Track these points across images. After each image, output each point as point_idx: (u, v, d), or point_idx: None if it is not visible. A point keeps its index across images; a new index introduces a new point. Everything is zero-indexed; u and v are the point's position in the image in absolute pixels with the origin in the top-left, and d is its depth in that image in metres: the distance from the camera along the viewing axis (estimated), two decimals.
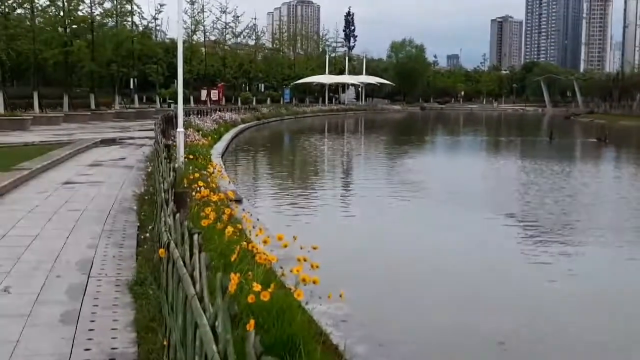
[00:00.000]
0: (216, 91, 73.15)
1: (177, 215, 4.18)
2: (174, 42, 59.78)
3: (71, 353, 5.17)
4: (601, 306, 9.54)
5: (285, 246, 6.65)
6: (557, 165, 28.44)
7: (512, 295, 9.96)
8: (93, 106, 50.99)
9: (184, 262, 3.58)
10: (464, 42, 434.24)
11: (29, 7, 43.66)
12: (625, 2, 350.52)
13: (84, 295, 6.69)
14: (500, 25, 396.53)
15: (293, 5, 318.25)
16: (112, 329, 5.73)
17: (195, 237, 3.26)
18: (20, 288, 6.86)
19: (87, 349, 5.25)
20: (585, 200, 19.65)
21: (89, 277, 7.37)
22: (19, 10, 43.81)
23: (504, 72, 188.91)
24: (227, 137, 35.42)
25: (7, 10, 40.82)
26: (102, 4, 52.50)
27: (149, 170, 15.69)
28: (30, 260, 8.02)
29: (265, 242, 6.79)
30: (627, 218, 16.74)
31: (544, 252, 12.74)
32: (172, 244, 4.06)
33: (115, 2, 54.14)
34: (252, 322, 4.62)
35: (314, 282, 5.71)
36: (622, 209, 18.10)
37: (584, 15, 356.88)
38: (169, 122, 23.12)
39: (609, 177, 26.54)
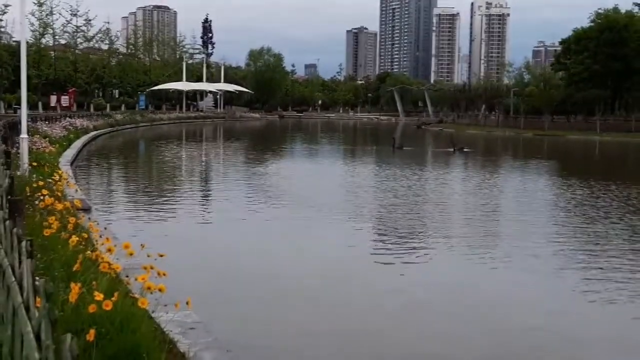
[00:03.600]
0: (67, 97, 70.44)
1: (7, 222, 3.99)
2: (20, 45, 57.09)
3: None
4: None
5: (131, 254, 6.50)
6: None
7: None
8: None
9: (13, 270, 3.43)
10: (321, 52, 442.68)
11: None
12: (471, 18, 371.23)
13: None
14: (356, 36, 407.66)
15: (149, 10, 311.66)
16: None
17: (23, 243, 3.13)
18: None
19: None
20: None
21: None
22: None
23: (359, 82, 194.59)
24: (77, 144, 34.22)
25: None
26: None
27: None
28: None
29: (110, 250, 6.61)
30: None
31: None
32: (2, 252, 3.88)
33: None
34: (92, 332, 4.52)
35: (160, 290, 5.62)
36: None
37: (434, 28, 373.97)
38: (13, 129, 22.00)
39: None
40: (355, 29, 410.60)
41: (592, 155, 53.82)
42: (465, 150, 45.35)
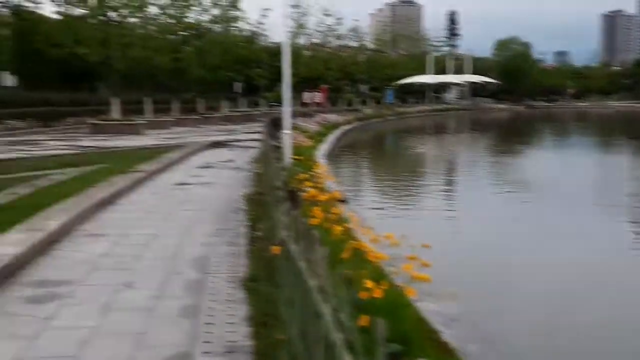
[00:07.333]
0: (319, 93, 73.93)
1: (293, 212, 4.32)
2: (278, 46, 60.87)
3: (192, 345, 5.43)
4: None
5: (395, 245, 6.70)
6: None
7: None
8: (201, 110, 52.70)
9: (300, 257, 3.70)
10: (572, 37, 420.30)
11: (142, 15, 45.49)
12: None
13: (201, 290, 6.97)
14: (611, 20, 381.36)
15: (395, 6, 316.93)
16: (228, 323, 5.94)
17: (314, 232, 3.38)
18: (143, 283, 7.23)
19: (207, 341, 5.48)
20: None
21: (204, 273, 7.67)
22: (132, 19, 45.61)
23: (615, 68, 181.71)
24: (330, 138, 35.68)
25: (121, 19, 42.66)
26: (209, 11, 54.03)
27: (257, 171, 16.09)
28: (149, 258, 8.43)
29: (374, 240, 6.88)
30: None
31: None
32: (288, 240, 4.21)
33: (222, 9, 55.52)
34: (365, 318, 4.73)
35: (425, 280, 5.73)
36: None
37: None
38: (275, 125, 23.54)
39: None
40: (610, 12, 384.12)
41: None
42: None
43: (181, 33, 51.68)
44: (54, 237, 9.16)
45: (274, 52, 66.61)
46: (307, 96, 71.81)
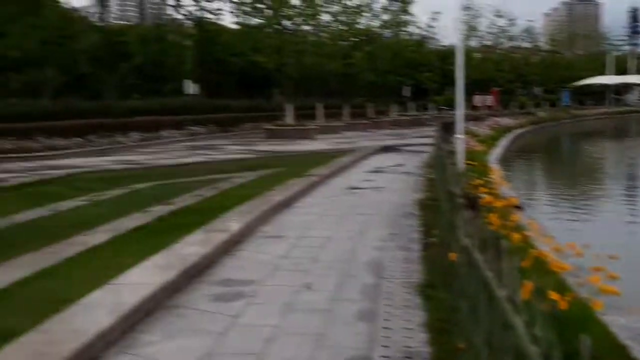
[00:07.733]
0: (490, 96, 72.26)
1: (476, 219, 4.27)
2: (448, 49, 60.40)
3: (370, 348, 5.50)
4: None
5: (578, 254, 6.41)
6: None
7: None
8: (370, 115, 53.23)
9: (486, 266, 3.65)
10: None
11: (314, 23, 46.68)
12: None
13: (377, 294, 7.05)
14: None
15: (572, 4, 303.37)
16: (405, 328, 5.97)
17: (502, 242, 3.32)
18: (319, 285, 7.42)
19: (385, 345, 5.54)
20: None
21: (379, 277, 7.74)
22: (305, 27, 46.92)
23: None
24: (502, 142, 34.71)
25: (295, 27, 44.05)
26: (379, 16, 54.48)
27: (428, 176, 16.01)
28: (325, 260, 8.63)
29: (556, 250, 6.62)
30: None
31: None
32: (472, 248, 4.16)
33: (393, 14, 55.77)
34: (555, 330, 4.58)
35: (614, 294, 5.44)
36: None
37: None
38: (447, 129, 23.31)
39: None
40: None
41: None
42: None
43: (352, 39, 52.40)
44: (237, 238, 9.63)
45: (444, 55, 66.06)
46: (478, 99, 70.34)
